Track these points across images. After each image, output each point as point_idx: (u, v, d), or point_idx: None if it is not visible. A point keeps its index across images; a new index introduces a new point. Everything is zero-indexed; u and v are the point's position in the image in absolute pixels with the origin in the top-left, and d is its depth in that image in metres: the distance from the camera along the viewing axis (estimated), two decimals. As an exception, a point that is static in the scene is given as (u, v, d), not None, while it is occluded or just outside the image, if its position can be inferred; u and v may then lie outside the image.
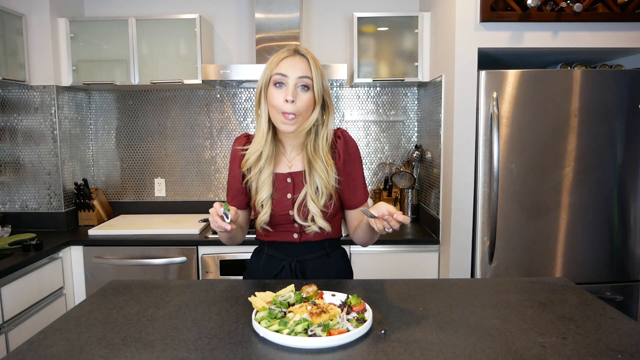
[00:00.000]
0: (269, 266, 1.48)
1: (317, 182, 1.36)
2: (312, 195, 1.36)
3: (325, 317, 1.04)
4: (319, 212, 1.36)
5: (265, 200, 1.37)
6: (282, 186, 1.40)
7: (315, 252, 1.46)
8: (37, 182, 2.73)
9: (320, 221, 1.37)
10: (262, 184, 1.37)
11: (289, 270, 1.45)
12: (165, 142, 3.07)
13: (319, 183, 1.35)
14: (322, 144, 1.37)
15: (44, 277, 2.29)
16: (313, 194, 1.36)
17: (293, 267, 1.45)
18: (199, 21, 2.66)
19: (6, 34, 2.48)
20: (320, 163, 1.36)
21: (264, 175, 1.37)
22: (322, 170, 1.35)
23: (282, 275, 1.46)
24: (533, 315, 1.16)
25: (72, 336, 1.06)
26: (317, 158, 1.36)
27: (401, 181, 2.87)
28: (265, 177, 1.37)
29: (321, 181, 1.35)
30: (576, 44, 2.19)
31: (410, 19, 2.65)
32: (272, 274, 1.47)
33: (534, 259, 2.23)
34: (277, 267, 1.47)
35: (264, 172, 1.37)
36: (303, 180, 1.39)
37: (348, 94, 3.03)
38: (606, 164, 2.20)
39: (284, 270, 1.46)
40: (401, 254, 2.47)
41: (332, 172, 1.36)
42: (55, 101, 2.68)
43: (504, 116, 2.16)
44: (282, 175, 1.40)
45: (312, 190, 1.36)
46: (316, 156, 1.36)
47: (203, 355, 0.97)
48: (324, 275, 1.45)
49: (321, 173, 1.35)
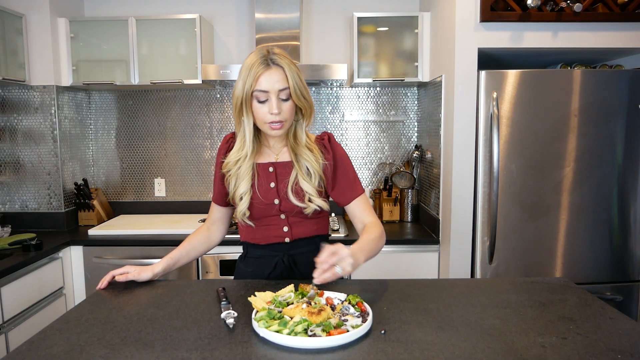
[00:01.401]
0: (259, 267, 1.48)
1: (306, 165, 1.41)
2: (303, 176, 1.40)
3: (324, 316, 1.04)
4: (315, 191, 1.40)
5: (244, 192, 1.40)
6: (264, 175, 1.43)
7: (307, 246, 1.47)
8: (37, 182, 2.73)
9: (317, 200, 1.40)
10: (242, 176, 1.40)
11: (282, 265, 1.45)
12: (165, 142, 3.07)
13: (308, 165, 1.40)
14: (301, 135, 1.43)
15: (43, 277, 2.29)
16: (304, 175, 1.40)
17: (286, 262, 1.45)
18: (199, 21, 2.66)
19: (6, 34, 2.49)
20: (304, 150, 1.41)
21: (243, 169, 1.40)
22: (306, 154, 1.41)
23: (275, 272, 1.45)
24: (533, 315, 1.16)
25: (72, 336, 1.06)
26: (300, 147, 1.42)
27: (401, 181, 2.87)
28: (244, 171, 1.40)
29: (309, 164, 1.40)
30: (576, 44, 2.19)
31: (410, 19, 2.65)
32: (265, 274, 1.46)
33: (534, 259, 2.23)
34: (268, 265, 1.46)
35: (243, 166, 1.40)
36: (290, 169, 1.42)
37: (348, 94, 3.03)
38: (606, 164, 2.20)
39: (277, 267, 1.45)
40: (401, 254, 2.47)
41: (317, 153, 1.42)
42: (55, 101, 2.68)
43: (504, 116, 2.16)
44: (264, 164, 1.44)
45: (302, 172, 1.40)
46: (298, 146, 1.42)
47: (203, 356, 0.96)
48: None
49: (306, 157, 1.41)
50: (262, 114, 1.34)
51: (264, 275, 1.47)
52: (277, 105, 1.33)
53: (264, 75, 1.32)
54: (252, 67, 1.33)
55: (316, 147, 1.44)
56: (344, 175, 1.46)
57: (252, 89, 1.33)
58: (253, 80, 1.33)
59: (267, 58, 1.33)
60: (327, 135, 1.49)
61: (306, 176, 1.40)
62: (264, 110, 1.34)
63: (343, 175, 1.46)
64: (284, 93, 1.34)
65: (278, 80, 1.33)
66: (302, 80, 1.37)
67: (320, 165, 1.42)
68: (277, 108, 1.33)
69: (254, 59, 1.33)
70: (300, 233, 1.45)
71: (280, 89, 1.33)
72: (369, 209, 1.48)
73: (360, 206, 1.47)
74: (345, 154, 1.49)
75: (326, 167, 1.43)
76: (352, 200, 1.47)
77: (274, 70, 1.33)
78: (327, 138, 1.48)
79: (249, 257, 1.52)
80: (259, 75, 1.32)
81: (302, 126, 1.44)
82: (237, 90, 1.36)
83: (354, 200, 1.46)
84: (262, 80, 1.32)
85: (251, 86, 1.33)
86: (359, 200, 1.47)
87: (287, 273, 1.45)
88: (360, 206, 1.47)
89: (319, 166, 1.41)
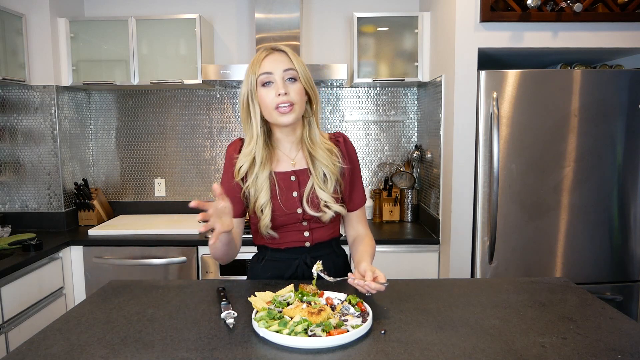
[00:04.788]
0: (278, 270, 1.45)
1: (322, 169, 1.37)
2: (319, 184, 1.36)
3: (324, 316, 1.04)
4: (331, 198, 1.37)
5: (264, 204, 1.35)
6: (286, 185, 1.38)
7: (326, 249, 1.47)
8: (37, 182, 2.73)
9: (334, 206, 1.37)
10: (261, 187, 1.35)
11: (304, 267, 1.42)
12: (165, 142, 3.07)
13: (324, 170, 1.37)
14: (316, 132, 1.40)
15: (43, 277, 2.29)
16: (320, 182, 1.36)
17: (309, 262, 1.42)
18: (199, 21, 2.66)
19: (6, 34, 2.49)
20: (320, 151, 1.38)
21: (260, 180, 1.35)
22: (323, 157, 1.37)
23: (297, 274, 1.43)
24: (533, 315, 1.16)
25: (72, 336, 1.06)
26: (316, 147, 1.38)
27: (401, 181, 2.87)
28: (262, 181, 1.35)
29: (326, 168, 1.37)
30: (576, 44, 2.19)
31: (410, 19, 2.65)
32: (286, 276, 1.44)
33: (534, 259, 2.23)
34: (289, 267, 1.43)
35: (260, 177, 1.35)
36: (308, 175, 1.39)
37: (348, 94, 3.03)
38: (606, 164, 2.20)
39: (298, 269, 1.43)
40: (401, 254, 2.47)
41: (334, 155, 1.39)
42: (55, 101, 2.68)
43: (504, 116, 2.16)
44: (285, 173, 1.39)
45: (318, 179, 1.36)
46: (315, 146, 1.38)
47: (203, 355, 0.96)
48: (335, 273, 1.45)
49: (323, 160, 1.37)
50: (269, 99, 1.29)
51: (283, 278, 1.44)
52: (283, 85, 1.29)
53: (267, 58, 1.31)
54: (256, 58, 1.32)
55: (333, 146, 1.41)
56: (357, 181, 1.47)
57: (257, 76, 1.30)
58: (257, 67, 1.31)
59: (270, 47, 1.34)
60: (342, 137, 1.46)
61: (322, 184, 1.36)
62: (270, 95, 1.29)
63: (356, 182, 1.46)
64: (290, 73, 1.31)
65: (282, 61, 1.30)
66: (307, 70, 1.35)
67: (337, 168, 1.39)
68: (284, 88, 1.28)
69: (258, 53, 1.34)
70: (320, 237, 1.44)
71: (284, 68, 1.30)
72: (366, 218, 1.52)
73: (361, 216, 1.50)
74: (357, 158, 1.48)
75: (343, 171, 1.41)
76: (358, 209, 1.48)
77: (277, 54, 1.32)
78: (343, 140, 1.45)
79: (267, 259, 1.47)
80: (262, 59, 1.31)
81: (314, 122, 1.40)
82: (243, 89, 1.34)
83: (359, 209, 1.48)
84: (265, 62, 1.31)
85: (255, 74, 1.30)
86: (362, 209, 1.49)
87: (308, 273, 1.42)
88: (361, 216, 1.50)
89: (336, 169, 1.38)
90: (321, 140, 1.40)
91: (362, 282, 1.16)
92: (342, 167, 1.40)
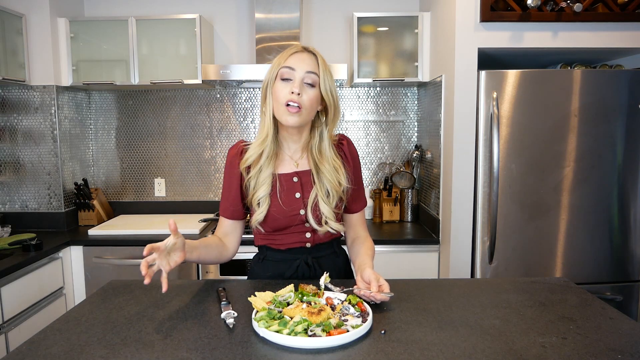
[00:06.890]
0: (278, 269, 1.45)
1: (327, 186, 1.35)
2: (323, 197, 1.35)
3: (324, 316, 1.04)
4: (332, 214, 1.36)
5: (262, 198, 1.34)
6: (288, 186, 1.38)
7: (327, 249, 1.47)
8: (37, 182, 2.73)
9: (333, 224, 1.36)
10: (262, 182, 1.35)
11: (305, 267, 1.42)
12: (165, 142, 3.07)
13: (329, 186, 1.35)
14: (327, 147, 1.37)
15: (43, 277, 2.29)
16: (324, 196, 1.35)
17: (310, 263, 1.42)
18: (199, 21, 2.66)
19: (6, 34, 2.49)
20: (328, 166, 1.36)
21: (263, 174, 1.35)
22: (329, 173, 1.35)
23: (297, 274, 1.43)
24: (533, 315, 1.16)
25: (72, 336, 1.06)
26: (324, 161, 1.36)
27: (401, 181, 2.87)
28: (265, 176, 1.35)
29: (330, 184, 1.35)
30: (576, 44, 2.19)
31: (410, 19, 2.65)
32: (286, 276, 1.44)
33: (534, 259, 2.23)
34: (289, 267, 1.43)
35: (264, 171, 1.35)
36: (311, 180, 1.38)
37: (348, 94, 3.03)
38: (606, 164, 2.20)
39: (299, 269, 1.43)
40: (401, 254, 2.47)
41: (341, 174, 1.37)
42: (55, 101, 2.68)
43: (504, 116, 2.16)
44: (288, 175, 1.39)
45: (322, 192, 1.35)
46: (323, 159, 1.36)
47: (203, 355, 0.96)
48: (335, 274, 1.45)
49: (329, 176, 1.35)
50: (282, 94, 1.28)
51: (283, 278, 1.45)
52: (300, 86, 1.27)
53: (296, 55, 1.30)
54: (286, 51, 1.31)
55: (339, 160, 1.39)
56: (358, 185, 1.46)
57: (280, 67, 1.29)
58: (283, 59, 1.30)
59: (303, 46, 1.33)
60: (346, 140, 1.45)
61: (326, 198, 1.35)
62: (285, 90, 1.28)
63: (357, 185, 1.46)
64: (310, 77, 1.29)
65: (308, 64, 1.29)
66: (333, 81, 1.34)
67: (342, 187, 1.37)
68: (299, 88, 1.27)
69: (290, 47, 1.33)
70: (321, 238, 1.43)
71: (307, 70, 1.28)
72: (365, 221, 1.53)
73: (361, 218, 1.51)
74: (359, 161, 1.48)
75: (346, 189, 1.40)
76: (358, 212, 1.48)
77: (306, 54, 1.31)
78: (347, 143, 1.44)
79: (267, 260, 1.47)
80: (290, 54, 1.30)
81: (326, 134, 1.37)
82: (266, 75, 1.32)
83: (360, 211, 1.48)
84: (292, 58, 1.30)
85: (279, 64, 1.29)
86: (362, 212, 1.50)
87: (309, 273, 1.43)
88: (361, 218, 1.51)
89: (340, 188, 1.37)
90: (331, 157, 1.37)
91: (369, 292, 1.18)
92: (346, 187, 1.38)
